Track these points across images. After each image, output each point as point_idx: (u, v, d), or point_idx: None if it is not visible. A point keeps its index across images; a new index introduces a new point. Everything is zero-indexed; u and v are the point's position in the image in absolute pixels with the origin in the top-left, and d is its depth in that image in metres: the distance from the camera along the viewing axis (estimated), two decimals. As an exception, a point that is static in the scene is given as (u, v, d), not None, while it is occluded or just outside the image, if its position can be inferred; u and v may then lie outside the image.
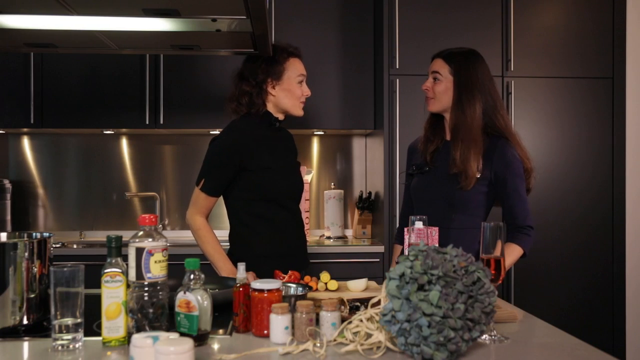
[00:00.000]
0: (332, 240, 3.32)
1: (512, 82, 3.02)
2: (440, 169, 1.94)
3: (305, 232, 2.23)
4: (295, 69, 2.04)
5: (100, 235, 3.49)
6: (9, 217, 3.31)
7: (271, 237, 2.02)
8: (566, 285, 3.06)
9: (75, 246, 3.16)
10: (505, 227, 1.34)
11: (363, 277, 1.84)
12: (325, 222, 3.44)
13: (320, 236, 3.48)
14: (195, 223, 2.02)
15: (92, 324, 1.35)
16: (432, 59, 1.99)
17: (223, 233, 2.16)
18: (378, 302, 1.33)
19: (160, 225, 3.50)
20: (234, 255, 2.04)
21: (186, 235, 3.50)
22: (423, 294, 1.09)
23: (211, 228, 2.04)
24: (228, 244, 2.11)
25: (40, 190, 3.54)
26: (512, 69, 3.02)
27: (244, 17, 1.48)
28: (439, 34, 3.00)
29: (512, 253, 1.80)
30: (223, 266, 1.97)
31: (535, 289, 3.04)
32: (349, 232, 3.58)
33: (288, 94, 2.03)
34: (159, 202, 3.52)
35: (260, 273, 1.85)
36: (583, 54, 3.07)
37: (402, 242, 2.11)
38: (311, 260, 2.30)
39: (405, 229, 1.59)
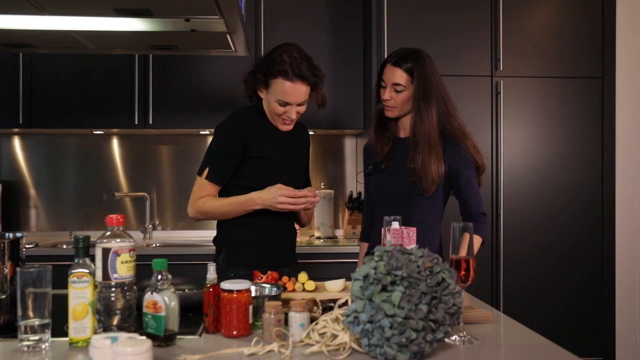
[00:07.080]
0: (322, 240, 3.32)
1: (501, 81, 3.01)
2: (397, 165, 1.98)
3: (297, 228, 2.19)
4: (278, 91, 1.90)
5: (91, 236, 3.49)
6: (-1, 218, 3.32)
7: (256, 225, 1.99)
8: (556, 288, 3.04)
9: (65, 246, 3.16)
10: (472, 226, 1.35)
11: (354, 277, 1.82)
12: (316, 222, 3.43)
13: (311, 236, 3.47)
14: (195, 207, 1.95)
15: (63, 325, 1.35)
16: (384, 65, 1.97)
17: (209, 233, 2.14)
18: (346, 303, 1.32)
19: (151, 225, 3.49)
20: (218, 240, 2.04)
21: (176, 236, 3.50)
22: (386, 295, 1.08)
23: (209, 197, 1.96)
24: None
25: (31, 191, 3.55)
26: (501, 69, 3.01)
27: (217, 16, 1.47)
28: (427, 34, 2.99)
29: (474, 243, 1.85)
30: (257, 199, 1.90)
31: (525, 292, 3.02)
32: (339, 232, 3.57)
33: (269, 106, 1.97)
34: (149, 202, 3.52)
35: (241, 260, 1.87)
36: (572, 53, 3.06)
37: (368, 240, 2.15)
38: (301, 261, 2.29)
39: (382, 230, 1.58)
